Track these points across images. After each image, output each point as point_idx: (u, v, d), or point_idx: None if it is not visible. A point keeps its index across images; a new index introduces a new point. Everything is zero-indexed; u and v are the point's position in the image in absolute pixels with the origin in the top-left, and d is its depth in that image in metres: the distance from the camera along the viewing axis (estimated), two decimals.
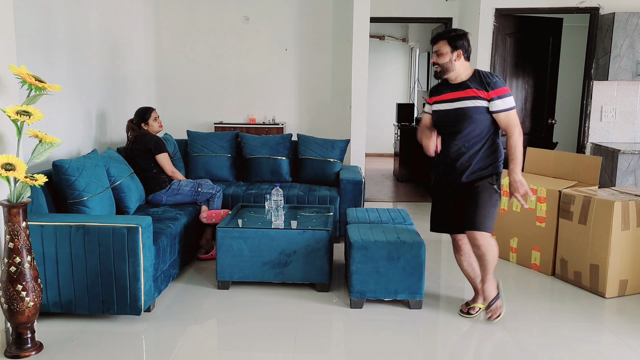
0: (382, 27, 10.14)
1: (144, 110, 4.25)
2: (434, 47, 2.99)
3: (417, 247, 3.24)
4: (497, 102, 2.88)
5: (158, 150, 4.15)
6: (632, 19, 4.86)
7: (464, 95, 2.93)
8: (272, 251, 3.50)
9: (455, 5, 5.96)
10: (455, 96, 2.96)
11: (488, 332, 3.09)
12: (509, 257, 4.26)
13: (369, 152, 9.70)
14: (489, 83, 2.89)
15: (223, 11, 6.05)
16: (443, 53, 2.94)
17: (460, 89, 2.95)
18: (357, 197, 4.63)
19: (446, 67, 2.95)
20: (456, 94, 2.96)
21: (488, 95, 2.88)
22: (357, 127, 5.59)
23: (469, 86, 2.92)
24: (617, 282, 3.55)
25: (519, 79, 5.46)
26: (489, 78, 2.92)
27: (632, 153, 4.73)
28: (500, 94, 2.88)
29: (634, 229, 3.53)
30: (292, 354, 2.77)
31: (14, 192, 2.57)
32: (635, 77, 4.96)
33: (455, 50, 2.94)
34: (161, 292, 3.37)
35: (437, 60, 2.97)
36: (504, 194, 4.23)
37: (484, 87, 2.89)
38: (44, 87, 2.65)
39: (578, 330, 3.10)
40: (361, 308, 3.32)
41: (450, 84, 3.01)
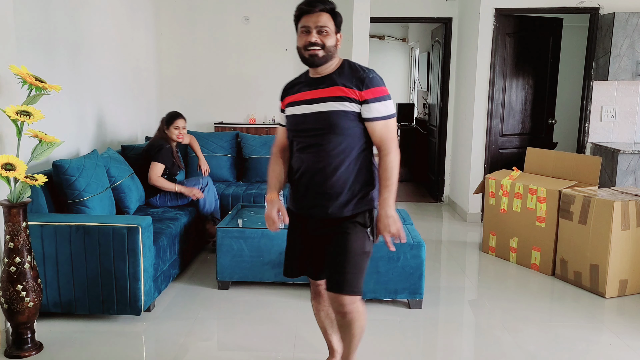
0: (382, 27, 10.14)
1: (171, 115, 4.31)
2: (313, 18, 2.08)
3: (417, 247, 3.24)
4: (374, 106, 2.05)
5: (154, 157, 4.12)
6: (632, 19, 4.86)
7: (328, 94, 2.06)
8: (272, 251, 3.50)
9: (455, 5, 5.96)
10: (315, 95, 2.09)
11: (488, 332, 3.09)
12: (509, 257, 4.26)
13: None
14: (363, 79, 2.05)
15: (223, 11, 6.05)
16: (329, 32, 2.07)
17: (323, 85, 2.09)
18: None
19: (330, 52, 2.08)
20: (317, 92, 2.09)
21: (361, 95, 2.04)
22: None
23: (335, 82, 2.06)
24: (617, 282, 3.55)
25: (519, 78, 5.46)
26: (362, 72, 2.08)
27: (632, 153, 4.73)
28: (378, 95, 2.06)
29: (634, 229, 3.53)
30: (292, 354, 2.77)
31: (14, 192, 2.57)
32: (635, 77, 4.96)
33: (338, 32, 2.12)
34: (161, 292, 3.37)
35: (320, 39, 2.05)
36: (503, 194, 4.23)
37: (355, 84, 2.05)
38: (44, 87, 2.65)
39: (578, 330, 3.10)
40: None
41: (310, 79, 2.15)
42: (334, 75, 2.09)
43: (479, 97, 5.34)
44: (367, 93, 2.05)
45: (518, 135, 5.56)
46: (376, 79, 2.08)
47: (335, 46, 2.08)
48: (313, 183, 2.12)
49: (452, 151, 6.20)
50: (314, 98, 2.09)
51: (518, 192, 4.12)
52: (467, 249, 4.62)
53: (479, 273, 4.16)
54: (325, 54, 2.06)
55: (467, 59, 5.62)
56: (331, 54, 2.07)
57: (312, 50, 2.05)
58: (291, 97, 2.19)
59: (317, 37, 2.05)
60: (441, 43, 6.21)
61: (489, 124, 5.37)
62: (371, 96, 2.05)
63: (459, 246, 4.72)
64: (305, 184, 2.14)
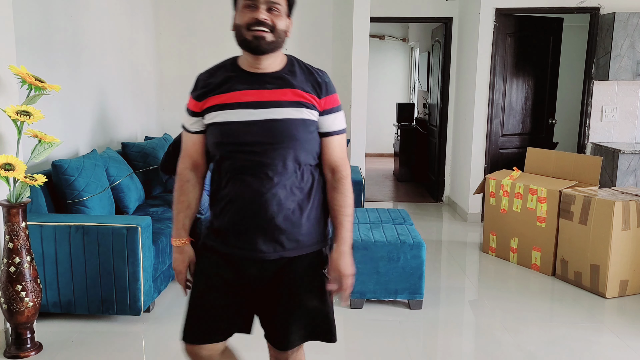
0: (382, 27, 10.13)
1: None
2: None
3: (417, 248, 3.24)
4: (334, 118, 1.64)
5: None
6: (632, 18, 4.85)
7: (281, 97, 1.59)
8: None
9: (455, 5, 5.95)
10: (262, 97, 1.59)
11: (488, 332, 3.09)
12: (510, 257, 4.25)
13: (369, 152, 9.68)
14: (321, 84, 1.63)
15: (223, 11, 6.04)
16: (280, 11, 1.59)
17: (272, 85, 1.60)
18: (357, 197, 4.62)
19: (280, 38, 1.61)
20: (265, 93, 1.59)
21: (320, 104, 1.61)
22: (357, 127, 5.58)
23: (290, 83, 1.60)
24: (617, 282, 3.55)
25: (520, 78, 5.45)
26: (318, 75, 1.65)
27: (632, 153, 4.72)
28: (337, 105, 1.66)
29: (634, 229, 3.53)
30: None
31: (13, 192, 2.56)
32: (635, 77, 4.95)
33: (290, 16, 1.65)
34: (161, 293, 3.37)
35: (271, 19, 1.56)
36: (504, 194, 4.23)
37: (314, 89, 1.62)
38: (44, 87, 2.65)
39: (578, 331, 3.09)
40: (361, 308, 3.32)
41: (247, 74, 1.63)
42: (286, 75, 1.61)
43: (479, 97, 5.34)
44: (327, 101, 1.62)
45: (518, 135, 5.56)
46: (332, 85, 1.67)
47: (285, 33, 1.62)
48: (258, 215, 1.58)
49: (453, 151, 6.19)
50: (261, 101, 1.57)
51: (518, 192, 4.12)
52: (468, 249, 4.62)
53: (479, 273, 4.16)
54: (274, 40, 1.57)
55: (467, 58, 5.62)
56: (281, 41, 1.61)
57: (259, 31, 1.54)
58: (219, 96, 1.61)
59: (267, 16, 1.55)
60: (441, 43, 6.20)
61: (489, 123, 5.37)
62: (331, 105, 1.63)
63: (459, 246, 4.72)
64: (245, 216, 1.60)
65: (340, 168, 1.67)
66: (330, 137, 1.66)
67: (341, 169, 1.68)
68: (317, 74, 1.65)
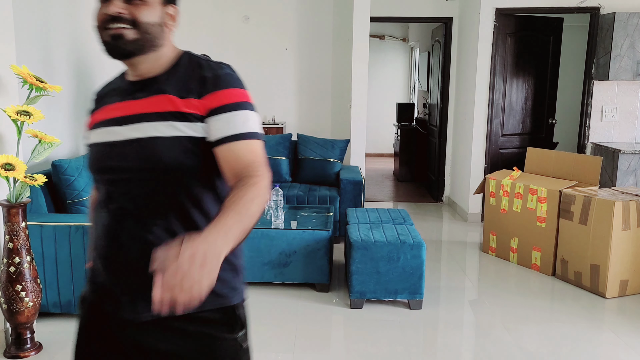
0: (382, 27, 10.13)
1: None
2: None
3: (417, 248, 3.24)
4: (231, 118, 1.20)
5: None
6: (632, 18, 4.85)
7: (147, 108, 1.23)
8: (272, 251, 3.49)
9: (455, 4, 5.95)
10: (128, 111, 1.25)
11: (488, 332, 3.09)
12: (510, 257, 4.25)
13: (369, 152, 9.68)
14: (206, 79, 1.23)
15: (223, 10, 6.04)
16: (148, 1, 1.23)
17: (142, 93, 1.26)
18: (357, 197, 4.62)
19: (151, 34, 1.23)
20: (132, 105, 1.26)
21: (202, 105, 1.21)
22: (357, 127, 5.58)
23: (162, 88, 1.24)
24: (617, 282, 3.55)
25: (520, 78, 5.45)
26: (208, 69, 1.25)
27: (632, 153, 4.72)
28: (234, 101, 1.22)
29: (634, 229, 3.53)
30: (292, 354, 2.77)
31: (13, 192, 2.56)
32: (635, 77, 4.95)
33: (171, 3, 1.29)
34: None
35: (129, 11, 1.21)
36: (504, 194, 4.23)
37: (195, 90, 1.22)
38: (45, 87, 2.65)
39: (578, 330, 3.09)
40: (361, 308, 3.32)
41: (127, 83, 1.31)
42: (163, 78, 1.23)
43: (479, 97, 5.33)
44: (214, 98, 1.19)
45: (518, 135, 5.56)
46: (230, 77, 1.24)
47: (162, 26, 1.23)
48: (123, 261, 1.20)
49: (453, 151, 6.19)
50: (127, 116, 1.22)
51: (518, 192, 4.12)
52: (468, 249, 4.62)
53: (479, 273, 4.16)
54: (139, 37, 1.19)
55: (467, 58, 5.62)
56: (153, 38, 1.21)
57: (115, 29, 1.19)
58: (95, 113, 1.33)
59: (123, 8, 1.19)
60: (441, 43, 6.20)
61: (489, 123, 5.37)
62: (220, 102, 1.19)
63: (459, 246, 4.72)
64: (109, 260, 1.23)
65: (247, 174, 1.15)
66: (228, 144, 1.17)
67: (252, 172, 1.16)
68: (207, 67, 1.23)
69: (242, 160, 1.17)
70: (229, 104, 1.20)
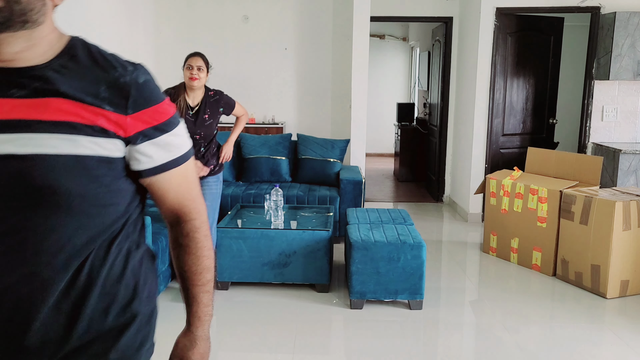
0: (383, 26, 10.12)
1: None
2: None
3: (418, 248, 3.23)
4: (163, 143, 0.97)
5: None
6: (633, 18, 4.84)
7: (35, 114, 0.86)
8: (271, 252, 3.48)
9: (455, 4, 5.94)
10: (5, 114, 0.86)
11: (488, 332, 3.08)
12: (510, 257, 4.24)
13: (369, 152, 9.67)
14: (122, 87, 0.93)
15: (223, 10, 6.04)
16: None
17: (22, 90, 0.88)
18: (357, 197, 4.61)
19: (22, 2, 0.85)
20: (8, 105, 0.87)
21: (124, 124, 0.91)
22: (357, 127, 5.58)
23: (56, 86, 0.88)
24: (618, 283, 3.54)
25: (520, 78, 5.44)
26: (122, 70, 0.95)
27: (633, 153, 4.71)
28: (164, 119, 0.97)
29: (635, 229, 3.52)
30: (292, 355, 2.76)
31: None
32: (636, 76, 4.94)
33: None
34: (160, 293, 3.36)
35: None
36: (504, 194, 4.22)
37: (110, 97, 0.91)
38: None
39: (579, 331, 3.08)
40: (361, 309, 3.31)
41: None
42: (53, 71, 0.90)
43: (479, 97, 5.32)
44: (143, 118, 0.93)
45: (519, 135, 5.55)
46: (154, 87, 0.97)
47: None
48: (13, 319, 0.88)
49: (453, 151, 6.18)
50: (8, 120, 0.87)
51: (519, 192, 4.11)
52: (468, 250, 4.61)
53: (480, 273, 4.15)
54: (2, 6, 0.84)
55: (467, 58, 5.61)
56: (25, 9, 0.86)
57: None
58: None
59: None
60: (442, 42, 6.19)
61: (489, 123, 5.36)
62: (150, 123, 0.94)
63: (460, 246, 4.71)
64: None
65: (187, 213, 1.03)
66: (163, 174, 0.97)
67: (190, 213, 1.03)
68: (120, 67, 0.95)
69: (178, 193, 1.02)
70: (161, 124, 0.95)
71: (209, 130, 3.37)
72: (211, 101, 3.36)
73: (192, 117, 3.31)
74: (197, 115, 3.32)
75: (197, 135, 3.30)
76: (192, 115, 3.31)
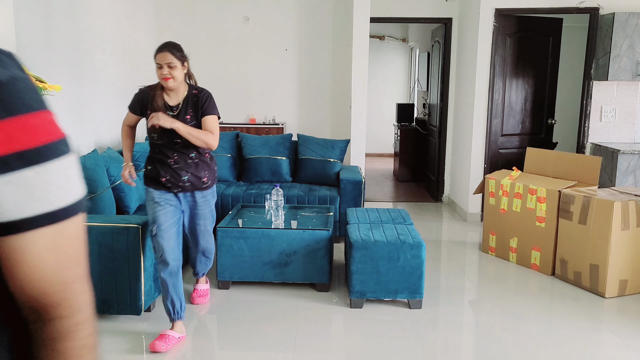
0: (382, 27, 10.14)
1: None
2: None
3: (417, 247, 3.25)
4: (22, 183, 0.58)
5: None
6: (631, 19, 4.86)
7: None
8: (272, 251, 3.50)
9: (455, 5, 5.96)
10: None
11: (488, 332, 3.09)
12: (509, 257, 4.26)
13: (369, 152, 9.69)
14: None
15: (223, 11, 6.05)
16: None
17: None
18: (357, 197, 4.63)
19: None
20: None
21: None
22: (357, 127, 5.59)
23: None
24: (616, 282, 3.55)
25: (519, 79, 5.46)
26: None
27: (631, 153, 4.73)
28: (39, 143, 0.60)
29: (633, 229, 3.54)
30: (292, 354, 2.77)
31: None
32: (635, 77, 4.96)
33: None
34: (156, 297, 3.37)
35: None
36: (503, 194, 4.24)
37: None
38: (44, 87, 2.66)
39: (578, 330, 3.10)
40: (361, 308, 3.32)
41: None
42: None
43: (478, 97, 5.34)
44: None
45: (518, 135, 5.56)
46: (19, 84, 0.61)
47: None
48: None
49: (452, 151, 6.20)
50: None
51: (518, 192, 4.13)
52: (467, 249, 4.62)
53: (479, 273, 4.16)
54: None
55: (467, 59, 5.63)
56: None
57: None
58: None
59: None
60: (441, 43, 6.21)
61: (488, 124, 5.37)
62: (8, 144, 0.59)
63: (459, 246, 4.73)
64: None
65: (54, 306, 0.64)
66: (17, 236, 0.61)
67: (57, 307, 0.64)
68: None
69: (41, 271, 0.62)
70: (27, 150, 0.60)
71: None
72: (194, 100, 2.87)
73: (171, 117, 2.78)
74: (178, 116, 2.82)
75: (177, 139, 2.80)
76: (172, 116, 2.80)
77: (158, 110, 2.79)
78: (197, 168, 2.91)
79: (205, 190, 2.99)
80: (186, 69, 2.86)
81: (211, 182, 3.02)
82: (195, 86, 2.98)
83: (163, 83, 2.80)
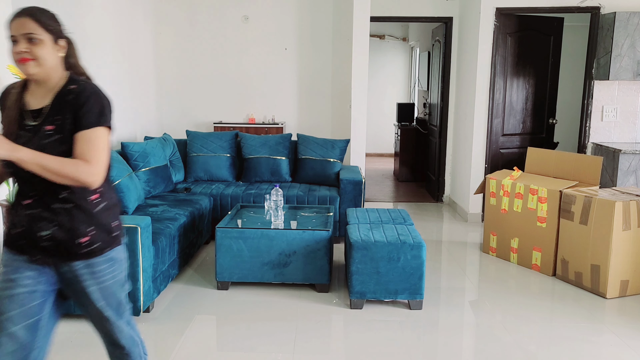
0: (382, 27, 10.13)
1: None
2: None
3: (418, 248, 3.23)
4: None
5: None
6: (633, 18, 4.84)
7: None
8: (271, 251, 3.49)
9: (455, 4, 5.94)
10: None
11: (488, 332, 3.08)
12: (510, 257, 4.25)
13: (369, 152, 9.68)
14: None
15: (223, 10, 6.04)
16: None
17: None
18: (357, 197, 4.61)
19: None
20: None
21: None
22: (357, 127, 5.58)
23: None
24: (618, 283, 3.54)
25: (520, 78, 5.45)
26: None
27: (633, 153, 4.71)
28: None
29: (635, 229, 3.52)
30: (292, 355, 2.76)
31: (13, 192, 2.56)
32: (636, 76, 4.94)
33: None
34: (160, 293, 3.36)
35: None
36: (504, 194, 4.22)
37: None
38: None
39: (579, 331, 3.08)
40: (361, 309, 3.31)
41: None
42: None
43: (479, 97, 5.33)
44: None
45: (519, 135, 5.55)
46: None
47: None
48: None
49: (453, 151, 6.19)
50: None
51: (519, 192, 4.11)
52: (468, 250, 4.61)
53: (480, 273, 4.15)
54: None
55: (467, 58, 5.61)
56: None
57: None
58: None
59: None
60: (442, 42, 6.20)
61: (489, 123, 5.36)
62: None
63: (460, 246, 4.71)
64: None
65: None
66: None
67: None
68: None
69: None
70: None
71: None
72: (69, 99, 1.71)
73: (30, 129, 1.71)
74: (40, 129, 1.70)
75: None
76: (31, 128, 1.71)
77: (10, 117, 1.73)
78: (70, 218, 1.71)
79: (91, 259, 1.74)
80: (64, 51, 1.81)
81: (101, 244, 1.76)
82: (76, 78, 1.81)
83: (19, 68, 1.69)
